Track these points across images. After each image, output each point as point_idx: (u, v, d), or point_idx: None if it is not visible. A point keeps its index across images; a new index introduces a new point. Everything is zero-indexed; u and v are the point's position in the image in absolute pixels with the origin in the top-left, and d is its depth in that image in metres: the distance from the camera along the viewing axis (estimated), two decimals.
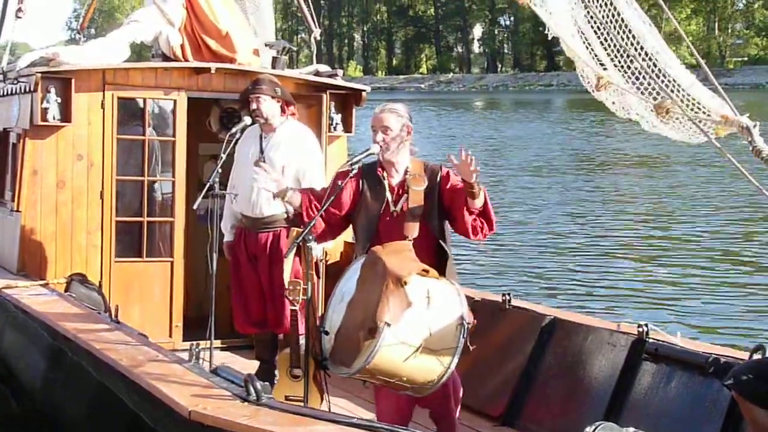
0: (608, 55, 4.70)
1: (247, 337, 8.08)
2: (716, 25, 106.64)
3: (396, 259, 5.14)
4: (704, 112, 4.38)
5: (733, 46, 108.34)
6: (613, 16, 4.55)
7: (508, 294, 7.20)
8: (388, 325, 4.87)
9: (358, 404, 6.89)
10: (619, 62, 4.63)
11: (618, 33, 4.50)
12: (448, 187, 5.56)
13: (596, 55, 4.71)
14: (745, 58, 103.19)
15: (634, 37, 4.52)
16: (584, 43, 4.74)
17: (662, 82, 4.46)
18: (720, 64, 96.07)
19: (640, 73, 4.57)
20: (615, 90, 4.72)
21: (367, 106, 9.19)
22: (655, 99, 4.44)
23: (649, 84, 4.53)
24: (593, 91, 4.80)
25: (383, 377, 5.07)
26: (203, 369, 5.36)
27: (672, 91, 4.44)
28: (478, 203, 5.37)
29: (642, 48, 4.51)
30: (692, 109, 4.38)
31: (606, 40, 4.61)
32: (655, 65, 4.51)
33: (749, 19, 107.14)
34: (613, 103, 4.82)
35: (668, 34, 4.78)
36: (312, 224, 5.39)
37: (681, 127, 4.55)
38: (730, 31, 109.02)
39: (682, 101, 4.39)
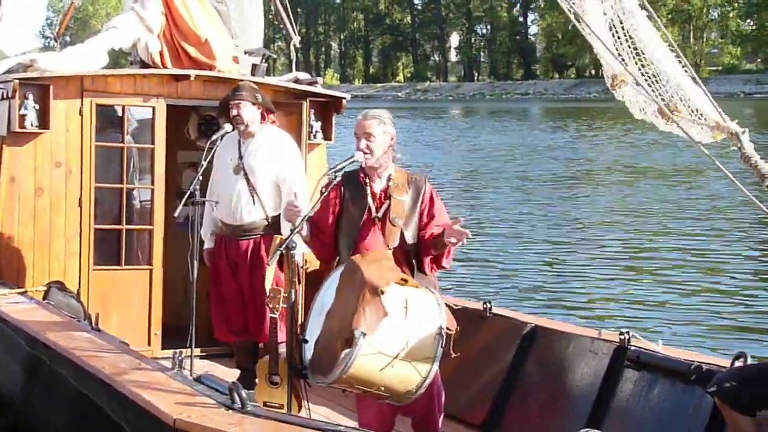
0: (621, 54, 4.67)
1: (227, 345, 8.03)
2: (691, 34, 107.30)
3: (374, 268, 5.13)
4: (701, 117, 4.38)
5: (708, 55, 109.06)
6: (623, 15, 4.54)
7: (489, 302, 7.17)
8: (364, 335, 4.86)
9: (340, 412, 6.86)
10: (636, 63, 4.61)
11: (629, 37, 4.49)
12: (426, 212, 5.60)
13: (620, 55, 4.69)
14: (720, 68, 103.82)
15: (638, 42, 4.51)
16: (614, 38, 4.71)
17: (663, 87, 4.46)
18: (695, 73, 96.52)
19: (653, 77, 4.55)
20: (630, 89, 4.70)
21: (346, 114, 9.18)
22: (663, 100, 4.41)
23: (655, 89, 4.52)
24: (611, 88, 4.79)
25: (361, 386, 5.06)
26: (186, 377, 5.31)
27: (672, 96, 4.44)
28: (438, 251, 5.51)
29: (641, 53, 4.50)
30: (695, 116, 4.37)
31: (626, 40, 4.58)
32: (656, 74, 4.51)
33: (724, 28, 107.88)
34: (630, 102, 4.80)
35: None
36: (296, 231, 5.36)
37: (688, 128, 4.51)
38: (705, 40, 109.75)
39: (684, 106, 4.38)
